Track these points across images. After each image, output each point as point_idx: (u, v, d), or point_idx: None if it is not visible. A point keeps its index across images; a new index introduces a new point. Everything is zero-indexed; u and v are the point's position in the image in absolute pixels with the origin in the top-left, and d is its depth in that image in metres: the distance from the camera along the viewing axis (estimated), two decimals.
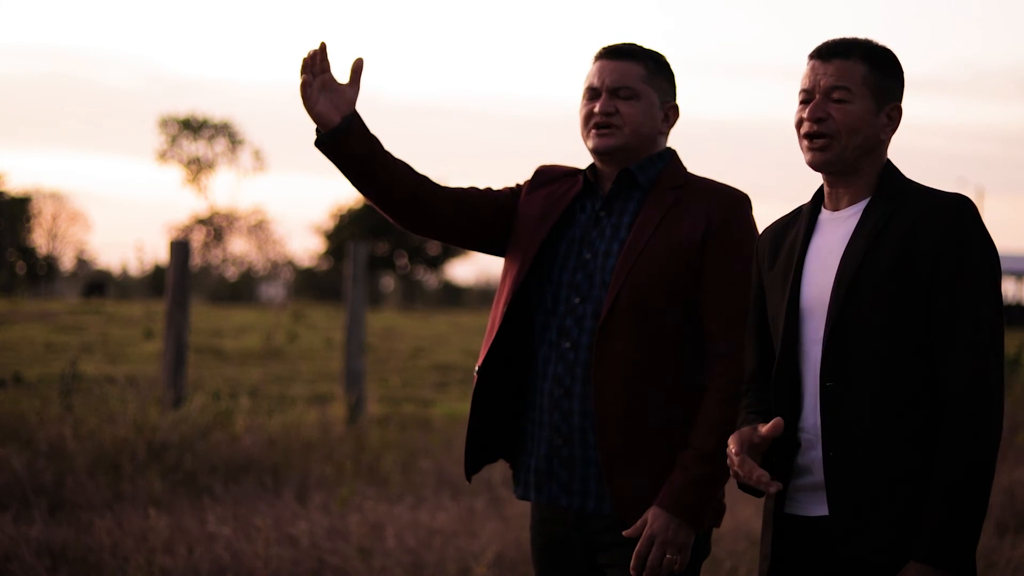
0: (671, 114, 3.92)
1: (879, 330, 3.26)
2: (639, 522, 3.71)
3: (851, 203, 3.38)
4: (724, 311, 3.74)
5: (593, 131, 3.86)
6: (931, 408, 3.25)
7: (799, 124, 3.39)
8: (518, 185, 4.04)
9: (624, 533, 3.73)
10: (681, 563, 3.70)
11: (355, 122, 3.81)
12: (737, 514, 8.61)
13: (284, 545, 7.24)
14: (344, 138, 3.79)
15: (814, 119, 3.34)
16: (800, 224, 3.44)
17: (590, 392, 3.78)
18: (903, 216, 3.29)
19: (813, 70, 3.38)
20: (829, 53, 3.37)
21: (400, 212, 3.92)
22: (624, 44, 3.91)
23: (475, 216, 3.96)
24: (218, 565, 6.88)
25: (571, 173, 4.00)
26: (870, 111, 3.35)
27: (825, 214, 3.41)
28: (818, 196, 3.46)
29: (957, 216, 3.26)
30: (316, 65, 3.77)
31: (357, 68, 3.86)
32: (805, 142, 3.37)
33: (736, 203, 3.83)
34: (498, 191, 4.03)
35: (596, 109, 3.85)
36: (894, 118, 3.39)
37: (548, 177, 4.01)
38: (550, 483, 3.86)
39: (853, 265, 3.28)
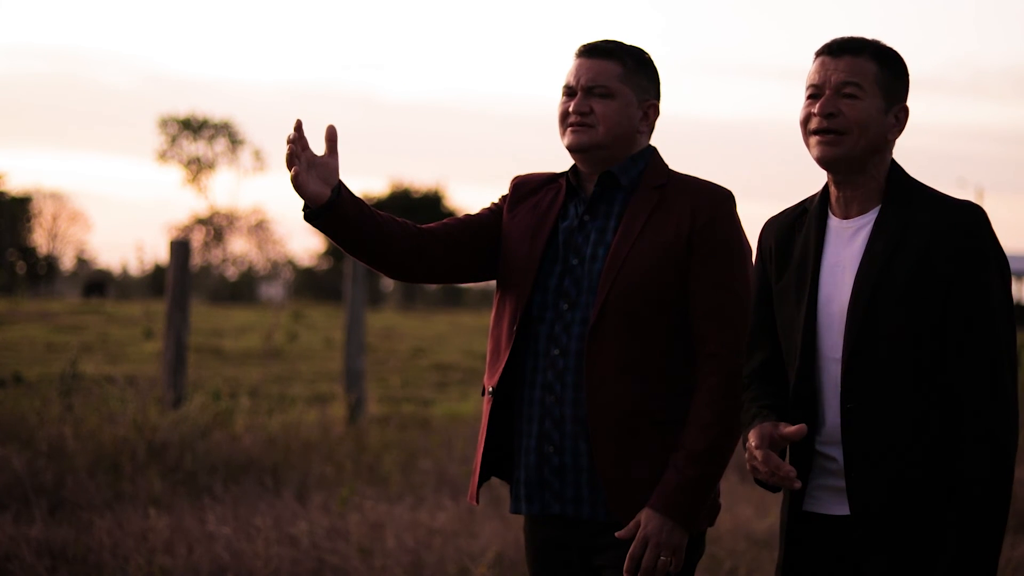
0: (650, 112, 3.88)
1: (896, 348, 3.26)
2: (632, 524, 3.70)
3: (861, 211, 3.36)
4: (712, 311, 3.73)
5: (568, 129, 3.84)
6: (947, 419, 3.26)
7: (806, 120, 3.35)
8: (495, 204, 4.00)
9: (617, 535, 3.72)
10: (676, 564, 3.69)
11: (343, 189, 3.78)
12: (737, 514, 8.61)
13: (284, 545, 7.24)
14: (338, 209, 3.76)
15: (824, 114, 3.31)
16: (809, 231, 3.40)
17: (582, 398, 3.76)
18: (916, 231, 3.27)
19: (823, 66, 3.34)
20: (840, 50, 3.34)
21: (398, 266, 3.89)
22: (603, 42, 3.87)
23: (467, 251, 3.92)
24: (218, 565, 6.88)
25: (551, 180, 3.96)
26: (880, 109, 3.33)
27: (834, 221, 3.39)
28: (824, 199, 3.43)
29: (972, 231, 3.26)
30: (299, 149, 3.73)
31: (331, 137, 3.78)
32: (814, 138, 3.34)
33: (720, 201, 3.80)
34: (479, 216, 3.98)
35: (571, 108, 3.83)
36: (901, 119, 3.37)
37: (528, 188, 3.97)
38: (542, 492, 3.83)
39: (869, 285, 3.27)
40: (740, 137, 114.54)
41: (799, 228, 3.45)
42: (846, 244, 3.36)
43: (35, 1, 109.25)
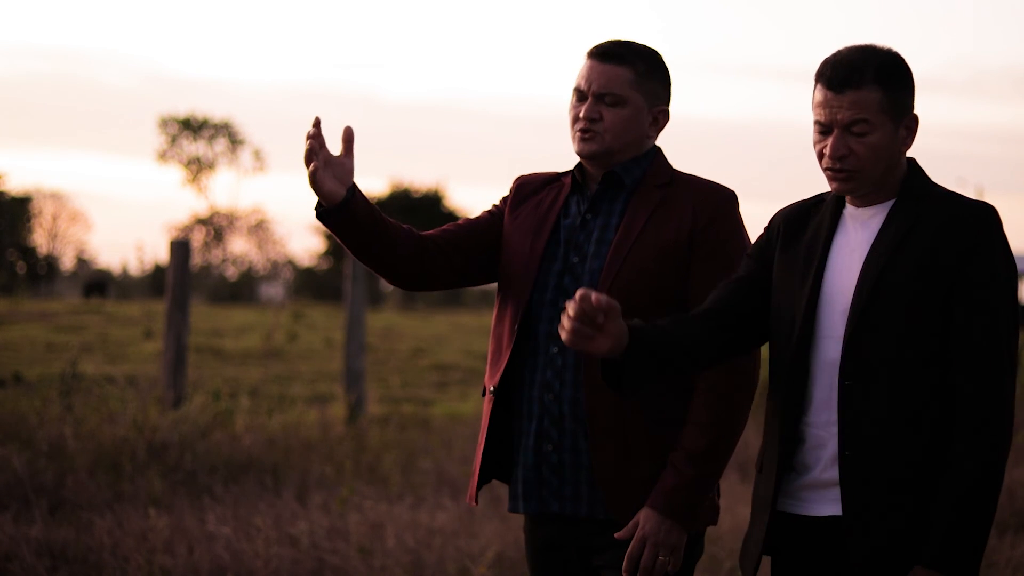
0: (660, 118, 3.87)
1: (898, 333, 3.27)
2: (631, 524, 3.70)
3: (876, 201, 3.38)
4: None
5: (577, 135, 3.83)
6: (943, 412, 3.27)
7: (820, 155, 3.34)
8: (496, 207, 3.99)
9: (616, 535, 3.72)
10: (674, 564, 3.69)
11: (357, 191, 3.78)
12: (737, 514, 8.61)
13: (284, 545, 7.24)
14: (351, 208, 3.76)
15: (837, 156, 3.30)
16: (823, 216, 3.42)
17: (581, 397, 3.76)
18: (928, 222, 3.30)
19: (827, 102, 3.30)
20: (841, 83, 3.28)
21: (402, 273, 3.89)
22: (616, 45, 3.84)
23: (468, 257, 3.92)
24: (218, 565, 6.88)
25: (553, 179, 3.96)
26: (890, 134, 3.31)
27: (849, 209, 3.40)
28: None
29: (982, 227, 3.28)
30: (317, 145, 3.73)
31: (348, 138, 3.79)
32: (829, 173, 3.34)
33: (723, 201, 3.81)
34: (479, 220, 3.98)
35: (581, 114, 3.81)
36: (912, 128, 3.36)
37: (531, 188, 3.96)
38: (540, 490, 3.83)
39: (877, 267, 3.29)
40: (737, 137, 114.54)
41: (814, 214, 3.46)
42: (859, 228, 3.38)
43: (35, 1, 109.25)
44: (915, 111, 3.37)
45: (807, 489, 3.38)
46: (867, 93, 3.28)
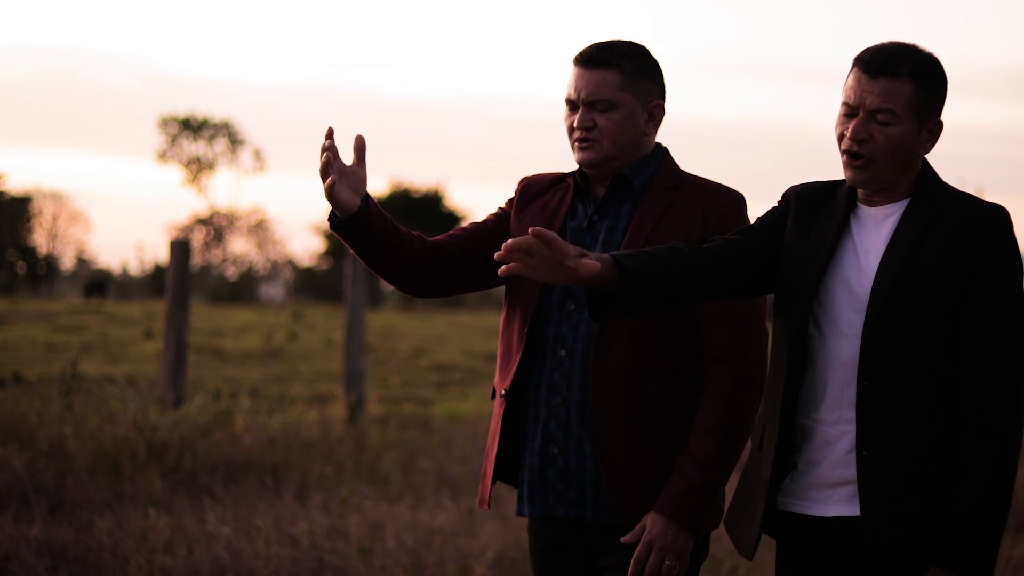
0: (656, 112, 3.85)
1: (915, 332, 3.29)
2: (637, 528, 3.69)
3: (890, 201, 3.39)
4: (722, 315, 3.72)
5: (575, 144, 3.81)
6: (955, 409, 3.29)
7: (840, 137, 3.36)
8: (502, 209, 3.98)
9: (622, 539, 3.71)
10: (680, 568, 3.69)
11: (371, 200, 3.77)
12: None
13: (284, 545, 7.24)
14: (366, 218, 3.75)
15: (856, 139, 3.31)
16: (835, 210, 3.42)
17: (588, 400, 3.75)
18: (943, 222, 3.31)
19: (859, 85, 3.32)
20: (877, 69, 3.31)
21: (413, 281, 3.88)
22: (599, 49, 3.80)
23: (477, 263, 3.90)
24: (218, 565, 6.88)
25: (559, 180, 3.94)
26: (912, 132, 3.33)
27: (863, 209, 3.41)
28: (853, 188, 3.45)
29: (997, 229, 3.30)
30: (332, 157, 3.71)
31: (360, 147, 3.77)
32: (845, 157, 3.35)
33: (732, 204, 3.79)
34: (486, 224, 3.96)
35: (575, 124, 3.80)
36: (935, 132, 3.38)
37: (536, 190, 3.95)
38: (545, 494, 3.82)
39: (894, 268, 3.30)
40: (734, 137, 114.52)
41: (827, 202, 3.45)
42: (873, 228, 3.39)
43: (35, 1, 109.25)
44: (942, 121, 3.38)
45: (813, 488, 3.38)
46: (900, 84, 3.31)
